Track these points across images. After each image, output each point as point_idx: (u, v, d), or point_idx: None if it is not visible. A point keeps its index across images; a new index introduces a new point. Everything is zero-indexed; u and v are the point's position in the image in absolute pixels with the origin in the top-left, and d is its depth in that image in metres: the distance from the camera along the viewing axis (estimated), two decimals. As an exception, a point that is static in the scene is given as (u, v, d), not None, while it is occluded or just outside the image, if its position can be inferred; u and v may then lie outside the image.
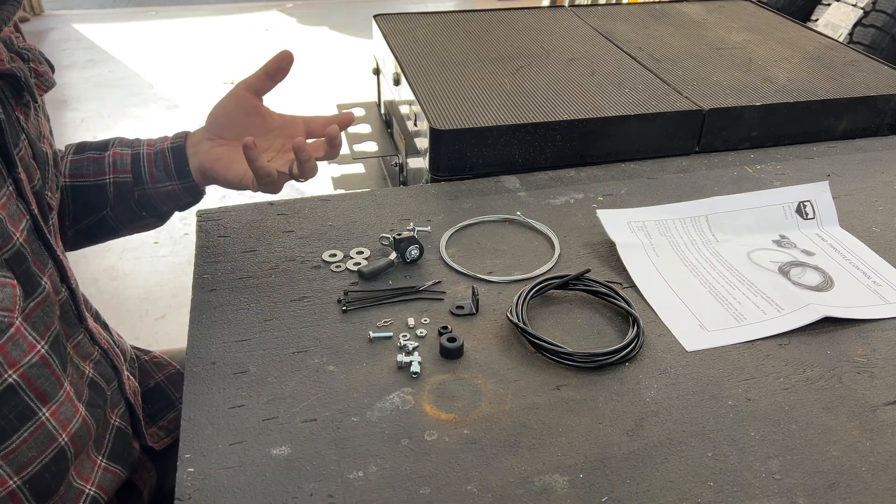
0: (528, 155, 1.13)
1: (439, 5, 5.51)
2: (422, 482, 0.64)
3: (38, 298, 0.67)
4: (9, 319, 0.63)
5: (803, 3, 3.31)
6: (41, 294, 0.68)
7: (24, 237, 0.66)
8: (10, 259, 0.64)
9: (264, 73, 0.85)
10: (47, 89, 0.76)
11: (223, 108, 0.87)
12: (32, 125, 0.74)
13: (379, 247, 0.95)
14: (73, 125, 3.47)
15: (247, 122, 0.87)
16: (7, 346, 0.63)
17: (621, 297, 0.84)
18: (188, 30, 4.78)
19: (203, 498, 0.62)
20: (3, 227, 0.64)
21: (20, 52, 0.71)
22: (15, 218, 0.66)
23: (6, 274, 0.63)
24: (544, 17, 1.60)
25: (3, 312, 0.62)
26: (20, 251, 0.66)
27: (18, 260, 0.65)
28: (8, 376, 0.63)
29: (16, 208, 0.67)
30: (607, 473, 0.65)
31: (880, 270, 0.92)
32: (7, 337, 0.63)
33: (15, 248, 0.65)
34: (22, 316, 0.65)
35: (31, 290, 0.67)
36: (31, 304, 0.67)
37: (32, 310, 0.67)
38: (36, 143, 0.73)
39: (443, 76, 1.26)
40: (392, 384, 0.74)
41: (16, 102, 0.70)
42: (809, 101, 1.22)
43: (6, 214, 0.64)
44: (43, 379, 0.67)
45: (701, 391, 0.74)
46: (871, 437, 0.69)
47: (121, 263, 2.50)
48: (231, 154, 0.87)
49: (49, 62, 0.78)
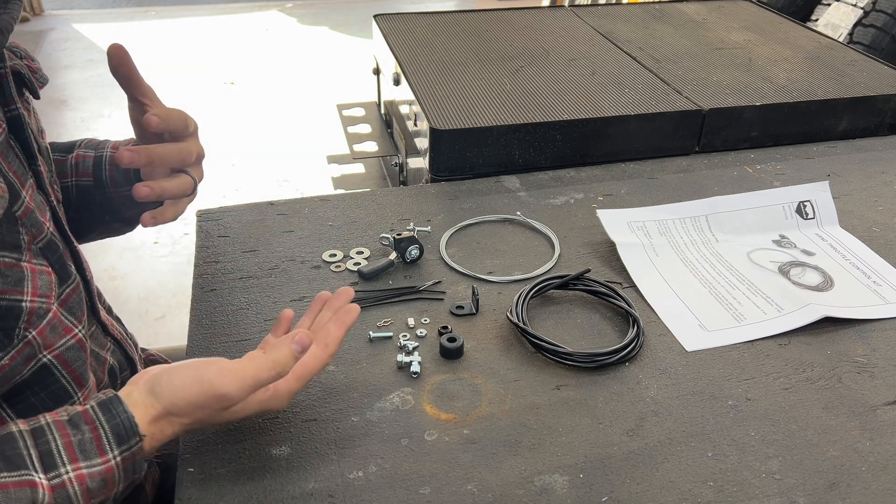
0: (528, 155, 1.13)
1: (439, 5, 5.51)
2: (422, 482, 0.64)
3: (72, 285, 0.69)
4: (46, 305, 0.64)
5: (803, 3, 3.31)
6: (73, 282, 0.70)
7: (52, 226, 0.68)
8: (44, 248, 0.66)
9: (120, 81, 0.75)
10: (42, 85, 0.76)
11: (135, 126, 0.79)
12: (33, 121, 0.75)
13: (379, 247, 0.95)
14: (73, 125, 3.47)
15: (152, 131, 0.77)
16: (46, 330, 0.64)
17: (621, 297, 0.84)
18: (188, 30, 4.78)
19: (203, 498, 0.62)
20: (35, 217, 0.65)
21: (11, 50, 0.71)
22: (41, 209, 0.67)
23: (42, 262, 0.65)
24: (544, 17, 1.60)
25: (42, 299, 0.63)
26: (52, 240, 0.67)
27: (52, 248, 0.67)
28: (43, 356, 0.65)
29: (40, 200, 0.68)
30: (607, 473, 0.65)
31: (880, 270, 0.92)
32: (46, 322, 0.64)
33: (47, 238, 0.66)
34: (58, 302, 0.66)
35: (66, 277, 0.68)
36: (67, 290, 0.68)
37: (68, 296, 0.68)
38: (38, 137, 0.74)
39: (443, 76, 1.26)
40: (392, 384, 0.74)
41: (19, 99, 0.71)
42: (809, 101, 1.22)
43: (35, 205, 0.66)
44: (79, 362, 0.68)
45: (701, 391, 0.74)
46: (871, 437, 0.69)
47: (121, 263, 2.49)
48: None
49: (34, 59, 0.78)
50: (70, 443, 0.56)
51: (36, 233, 0.65)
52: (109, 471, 0.57)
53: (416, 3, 5.44)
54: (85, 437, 0.57)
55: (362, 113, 1.63)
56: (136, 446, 0.58)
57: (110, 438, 0.57)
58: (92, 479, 0.56)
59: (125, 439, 0.58)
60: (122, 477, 0.58)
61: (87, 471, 0.56)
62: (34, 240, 0.65)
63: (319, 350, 0.65)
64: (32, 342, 0.63)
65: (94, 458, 0.57)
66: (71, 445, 0.56)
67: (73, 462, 0.56)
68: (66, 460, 0.56)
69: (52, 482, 0.54)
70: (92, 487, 0.56)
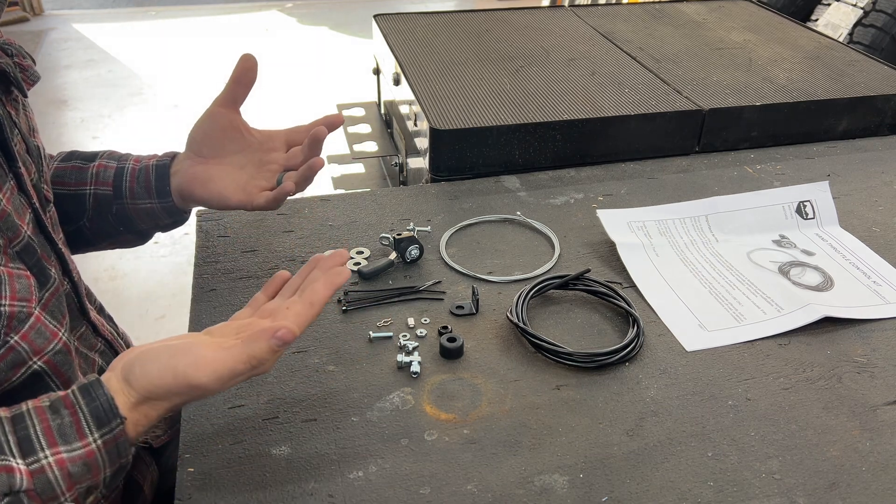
0: (528, 155, 1.13)
1: (439, 5, 5.51)
2: (422, 482, 0.64)
3: (51, 289, 0.69)
4: (27, 309, 0.64)
5: (803, 3, 3.31)
6: (53, 285, 0.69)
7: (30, 230, 0.68)
8: (21, 251, 0.66)
9: (233, 82, 0.83)
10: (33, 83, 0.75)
11: (200, 127, 0.85)
12: (23, 120, 0.74)
13: (379, 247, 0.95)
14: (73, 125, 3.47)
15: (223, 138, 0.85)
16: (30, 334, 0.64)
17: (621, 297, 0.84)
18: (188, 30, 4.78)
19: (203, 498, 0.62)
20: (12, 220, 0.65)
21: (3, 48, 0.71)
22: (20, 212, 0.67)
23: (19, 266, 0.65)
24: (544, 17, 1.60)
25: (22, 303, 0.63)
26: (29, 244, 0.67)
27: (29, 252, 0.67)
28: (33, 363, 0.65)
29: (19, 202, 0.68)
30: (607, 473, 0.65)
31: (880, 270, 0.92)
32: (28, 326, 0.64)
33: (24, 241, 0.66)
34: (40, 305, 0.66)
35: (45, 281, 0.68)
36: (46, 293, 0.68)
37: (48, 299, 0.68)
38: (28, 137, 0.74)
39: (443, 76, 1.26)
40: (392, 384, 0.74)
41: (6, 98, 0.71)
42: (809, 101, 1.22)
43: (12, 208, 0.66)
44: (67, 366, 0.68)
45: (701, 391, 0.74)
46: (871, 437, 0.69)
47: (121, 263, 2.50)
48: (209, 172, 0.84)
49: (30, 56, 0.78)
50: (49, 427, 0.55)
51: (12, 236, 0.64)
52: (91, 454, 0.56)
53: (416, 3, 5.44)
54: (64, 421, 0.56)
55: (362, 113, 1.63)
56: (118, 429, 0.57)
57: (90, 421, 0.56)
58: (73, 464, 0.55)
59: (105, 422, 0.56)
60: (106, 461, 0.57)
61: (67, 455, 0.55)
62: (10, 243, 0.64)
63: (304, 308, 0.62)
64: (17, 348, 0.63)
65: (74, 442, 0.55)
66: (50, 430, 0.55)
67: (52, 447, 0.55)
68: (44, 445, 0.54)
69: (31, 467, 0.53)
70: (74, 472, 0.55)
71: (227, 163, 0.84)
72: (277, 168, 0.84)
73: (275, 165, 0.85)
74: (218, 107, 0.84)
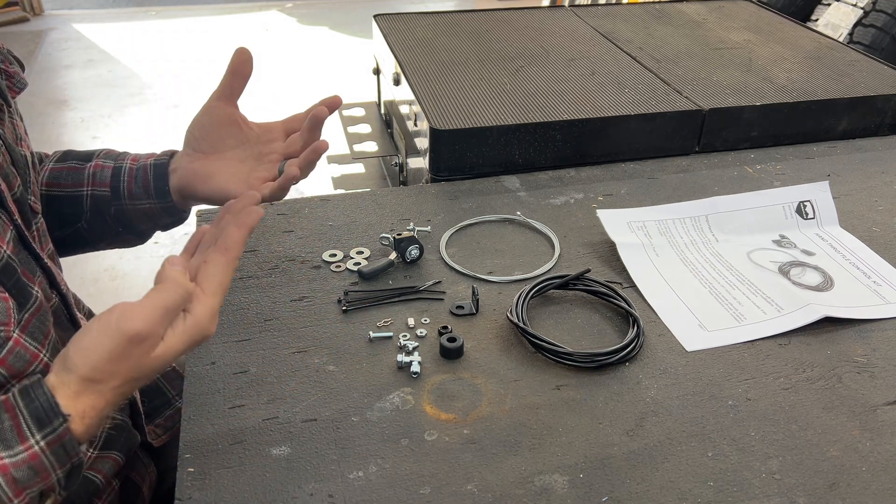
0: (528, 155, 1.13)
1: (439, 5, 5.51)
2: (422, 482, 0.64)
3: (31, 309, 0.66)
4: (5, 333, 0.62)
5: (803, 3, 3.31)
6: (34, 304, 0.67)
7: (10, 249, 0.65)
8: None
9: (229, 75, 0.82)
10: (20, 91, 0.73)
11: (198, 122, 0.84)
12: (8, 129, 0.72)
13: (379, 247, 0.95)
14: (73, 125, 3.47)
15: (222, 132, 0.83)
16: (8, 359, 0.62)
17: (621, 297, 0.84)
18: (188, 30, 4.78)
19: (203, 498, 0.62)
20: None
21: None
22: (1, 231, 0.65)
23: None
24: (544, 17, 1.60)
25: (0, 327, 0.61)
26: (9, 263, 0.64)
27: (8, 272, 0.64)
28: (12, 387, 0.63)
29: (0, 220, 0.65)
30: (607, 473, 0.65)
31: (880, 270, 0.92)
32: (7, 350, 0.62)
33: (3, 262, 0.64)
34: (19, 328, 0.64)
35: (24, 302, 0.66)
36: (26, 315, 0.66)
37: (28, 320, 0.66)
38: (13, 147, 0.71)
39: (443, 76, 1.26)
40: (392, 384, 0.74)
41: None
42: (809, 101, 1.22)
43: None
44: None
45: (701, 391, 0.74)
46: (871, 437, 0.69)
47: (121, 263, 2.49)
48: (209, 168, 0.83)
49: (19, 61, 0.76)
50: None
51: None
52: (34, 457, 0.54)
53: (416, 3, 5.44)
54: (4, 425, 0.54)
55: (362, 113, 1.63)
56: (61, 427, 0.55)
57: (30, 423, 0.54)
58: (17, 469, 0.53)
59: (47, 422, 0.54)
60: (53, 463, 0.55)
61: (9, 460, 0.53)
62: None
63: (221, 255, 0.61)
64: None
65: (15, 447, 0.54)
66: None
67: None
68: None
69: None
70: (19, 477, 0.53)
71: (226, 157, 0.83)
72: (277, 158, 0.83)
73: (275, 155, 0.83)
74: (215, 101, 0.83)
